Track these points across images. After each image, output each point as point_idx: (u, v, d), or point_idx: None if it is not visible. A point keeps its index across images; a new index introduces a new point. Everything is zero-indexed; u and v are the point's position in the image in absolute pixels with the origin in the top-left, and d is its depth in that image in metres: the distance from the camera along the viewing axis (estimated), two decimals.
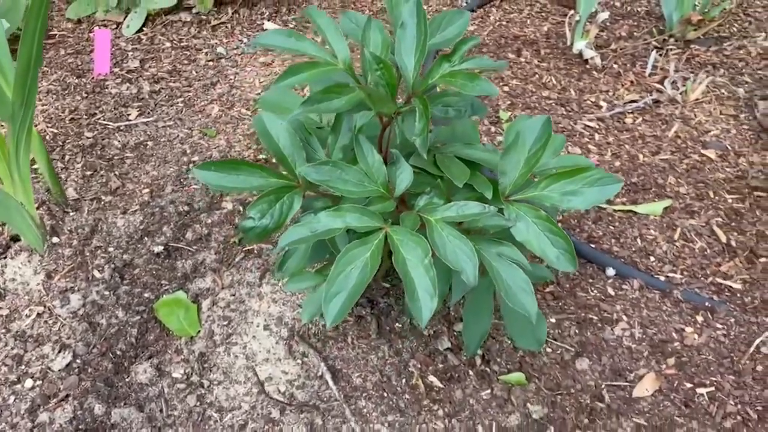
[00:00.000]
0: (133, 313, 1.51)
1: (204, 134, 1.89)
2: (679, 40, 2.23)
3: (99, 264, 1.59)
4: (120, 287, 1.55)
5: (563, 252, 1.12)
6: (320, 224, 1.03)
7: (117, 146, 1.86)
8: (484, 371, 1.40)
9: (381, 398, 1.35)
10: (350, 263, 1.00)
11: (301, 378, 1.39)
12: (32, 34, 1.23)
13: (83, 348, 1.44)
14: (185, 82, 2.05)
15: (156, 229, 1.66)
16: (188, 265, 1.59)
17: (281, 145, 1.17)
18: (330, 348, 1.43)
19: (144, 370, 1.41)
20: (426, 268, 0.99)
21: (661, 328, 1.45)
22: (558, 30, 2.26)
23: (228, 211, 1.69)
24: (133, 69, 2.10)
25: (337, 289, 0.99)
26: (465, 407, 1.34)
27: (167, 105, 1.98)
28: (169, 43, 2.19)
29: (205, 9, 2.28)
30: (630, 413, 1.33)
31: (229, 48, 2.16)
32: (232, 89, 2.03)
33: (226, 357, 1.43)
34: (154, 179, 1.77)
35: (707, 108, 1.97)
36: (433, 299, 0.98)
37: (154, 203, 1.71)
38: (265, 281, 1.55)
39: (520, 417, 1.32)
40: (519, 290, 1.11)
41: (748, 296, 1.50)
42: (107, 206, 1.71)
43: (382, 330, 1.46)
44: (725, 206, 1.68)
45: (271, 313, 1.49)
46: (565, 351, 1.42)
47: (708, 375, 1.38)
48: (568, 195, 1.16)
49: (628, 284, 1.53)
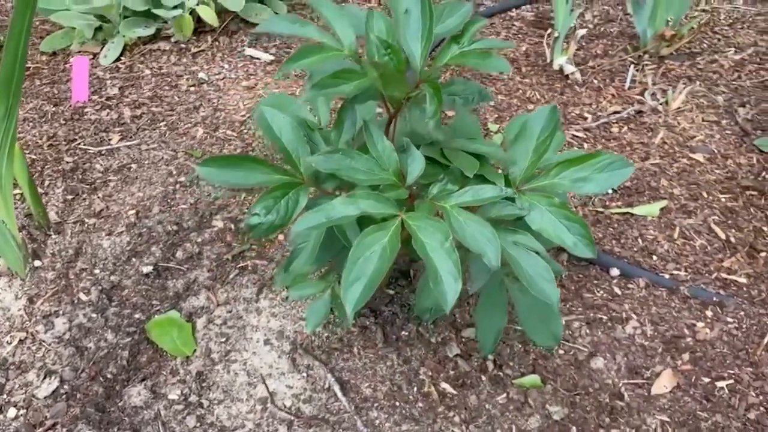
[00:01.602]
0: (124, 335, 1.42)
1: (190, 155, 1.84)
2: (653, 56, 2.28)
3: (85, 286, 1.51)
4: (108, 309, 1.47)
5: (581, 238, 1.09)
6: (335, 211, 0.99)
7: (99, 170, 1.80)
8: (497, 376, 1.34)
9: (393, 408, 1.29)
10: (368, 248, 0.96)
11: (308, 391, 1.31)
12: (18, 36, 1.18)
13: (71, 373, 1.35)
14: (167, 107, 2.01)
15: (144, 250, 1.59)
16: (180, 284, 1.52)
17: (284, 140, 1.13)
18: (336, 359, 1.36)
19: (138, 392, 1.33)
20: (447, 251, 0.95)
21: (672, 325, 1.42)
22: (536, 49, 2.29)
23: (219, 229, 1.63)
24: (112, 96, 2.06)
25: (356, 275, 0.94)
26: (482, 413, 1.28)
27: (150, 129, 1.93)
28: (149, 71, 2.15)
29: (184, 37, 2.26)
30: (651, 410, 1.28)
31: (211, 74, 2.14)
32: (216, 112, 1.99)
33: (226, 375, 1.35)
34: (139, 200, 1.71)
35: (689, 116, 1.99)
36: (457, 281, 0.94)
37: (141, 224, 1.64)
38: (262, 296, 1.49)
39: (541, 419, 1.26)
40: (540, 278, 1.08)
41: (755, 289, 1.49)
42: (91, 228, 1.64)
43: (389, 339, 1.40)
44: (720, 205, 1.68)
45: (271, 327, 1.43)
46: (578, 351, 1.38)
47: (725, 368, 1.35)
48: (579, 181, 1.14)
49: (633, 283, 1.50)
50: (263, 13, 2.33)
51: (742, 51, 2.29)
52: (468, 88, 1.14)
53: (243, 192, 1.72)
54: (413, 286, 1.46)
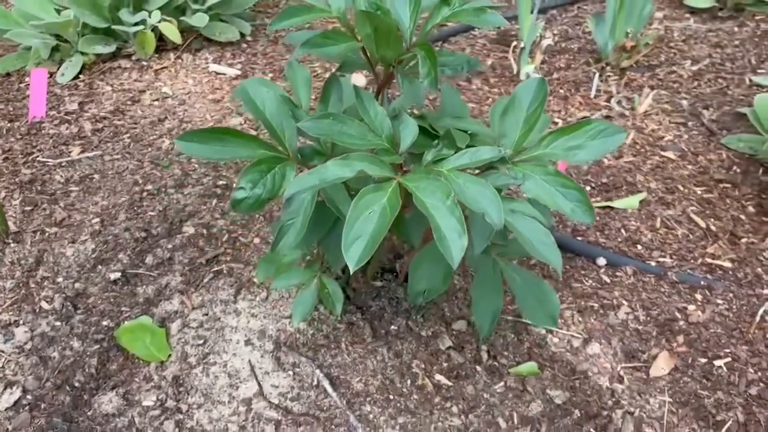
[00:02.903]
0: (91, 343, 1.32)
1: (156, 165, 1.76)
2: (614, 68, 2.33)
3: (47, 295, 1.41)
4: (73, 317, 1.37)
5: (578, 204, 1.06)
6: (328, 172, 0.94)
7: (60, 181, 1.71)
8: (492, 366, 1.29)
9: (387, 401, 1.21)
10: (366, 208, 0.91)
11: (295, 389, 1.23)
12: None
13: (34, 383, 1.24)
14: (131, 121, 1.94)
15: (111, 257, 1.50)
16: (150, 289, 1.43)
17: (268, 114, 1.09)
18: (323, 356, 1.29)
19: (109, 400, 1.22)
20: (450, 208, 0.91)
21: (664, 309, 1.40)
22: (502, 63, 2.31)
23: (190, 234, 1.55)
24: (71, 111, 1.98)
25: (356, 233, 0.89)
26: (480, 402, 1.22)
27: (113, 141, 1.85)
28: (110, 87, 2.09)
29: (146, 55, 2.20)
30: (652, 392, 1.24)
31: (176, 89, 2.08)
32: (183, 123, 1.93)
33: (205, 378, 1.26)
34: (104, 209, 1.62)
35: (656, 119, 2.03)
36: (461, 237, 0.89)
37: (106, 231, 1.55)
38: (240, 297, 1.41)
39: (542, 403, 1.21)
40: (540, 244, 1.04)
41: (740, 272, 1.48)
42: (53, 237, 1.54)
43: (378, 333, 1.33)
44: (696, 197, 1.69)
45: (252, 327, 1.34)
46: (572, 338, 1.34)
47: (721, 347, 1.33)
48: (572, 149, 1.12)
49: (621, 271, 1.48)
50: (227, 31, 2.30)
51: (698, 63, 2.35)
52: (456, 59, 1.12)
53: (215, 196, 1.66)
54: (400, 280, 1.40)
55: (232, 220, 1.59)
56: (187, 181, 1.71)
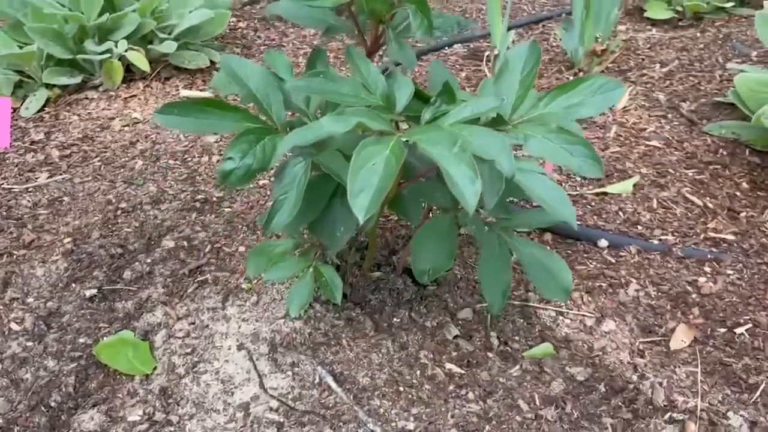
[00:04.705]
0: (68, 361, 1.21)
1: (130, 183, 1.68)
2: (587, 73, 2.34)
3: (17, 316, 1.29)
4: (47, 336, 1.25)
5: (586, 158, 1.01)
6: (323, 129, 0.87)
7: (27, 206, 1.61)
8: (505, 351, 1.21)
9: (397, 393, 1.12)
10: (369, 160, 0.84)
11: (296, 389, 1.13)
12: None
13: (5, 405, 1.12)
14: (100, 146, 1.86)
15: (85, 275, 1.39)
16: (130, 304, 1.33)
17: (252, 86, 1.03)
18: (324, 353, 1.19)
19: (90, 417, 1.11)
20: (458, 155, 0.85)
21: (674, 283, 1.34)
22: (476, 74, 2.30)
23: (170, 247, 1.46)
24: (37, 140, 1.89)
25: (360, 185, 0.82)
26: (497, 387, 1.13)
27: (82, 165, 1.77)
28: (77, 117, 2.01)
29: (113, 85, 2.14)
30: (677, 363, 1.17)
31: (146, 114, 2.01)
32: (156, 145, 1.85)
33: (195, 387, 1.15)
34: (76, 228, 1.52)
35: (636, 114, 2.02)
36: (474, 183, 0.83)
37: (79, 250, 1.45)
38: (228, 304, 1.31)
39: (564, 382, 1.13)
40: (554, 199, 0.99)
41: (745, 243, 1.44)
42: (21, 259, 1.43)
43: (380, 327, 1.25)
44: (688, 179, 1.66)
45: (243, 332, 1.25)
46: (584, 318, 1.27)
47: (738, 315, 1.27)
48: (573, 107, 1.08)
49: (625, 251, 1.43)
50: (197, 59, 2.25)
51: (667, 65, 2.38)
52: (446, 20, 1.08)
53: (194, 210, 1.57)
54: (399, 270, 1.33)
55: (214, 231, 1.51)
56: (163, 197, 1.63)
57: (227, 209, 1.59)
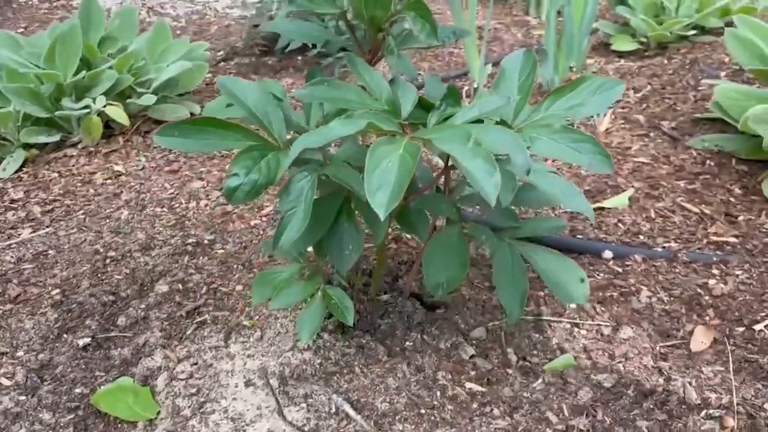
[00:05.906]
0: (64, 412, 1.13)
1: (117, 233, 1.63)
2: None
3: (6, 371, 1.22)
4: (40, 388, 1.18)
5: (595, 155, 1.00)
6: (332, 132, 0.85)
7: (10, 261, 1.54)
8: (524, 366, 1.17)
9: (419, 416, 1.06)
10: (383, 158, 0.82)
11: (312, 420, 1.07)
12: None
13: None
14: (84, 200, 1.81)
15: (77, 324, 1.33)
16: (126, 350, 1.26)
17: (251, 105, 1.01)
18: (337, 382, 1.14)
19: None
20: (473, 150, 0.83)
21: (685, 287, 1.32)
22: None
23: (164, 291, 1.40)
24: (17, 199, 1.84)
25: (377, 184, 0.79)
26: (522, 402, 1.08)
27: (66, 219, 1.71)
28: (57, 174, 1.96)
29: (92, 141, 2.10)
30: (702, 363, 1.14)
31: (128, 166, 1.97)
32: (141, 195, 1.81)
33: (204, 428, 1.09)
34: (64, 280, 1.46)
35: (619, 134, 2.04)
36: (493, 175, 0.81)
37: (69, 300, 1.39)
38: (231, 341, 1.26)
39: (591, 390, 1.09)
40: (567, 196, 0.97)
41: (748, 245, 1.43)
42: (8, 314, 1.36)
43: (393, 351, 1.20)
44: (681, 189, 1.67)
45: (250, 368, 1.19)
46: (601, 327, 1.24)
47: (755, 312, 1.25)
48: (574, 108, 1.08)
49: (630, 260, 1.41)
50: (177, 111, 2.24)
51: (641, 90, 2.42)
52: (443, 30, 1.08)
53: (187, 253, 1.52)
54: (406, 294, 1.29)
55: (209, 273, 1.46)
56: (153, 244, 1.57)
57: (220, 251, 1.54)
